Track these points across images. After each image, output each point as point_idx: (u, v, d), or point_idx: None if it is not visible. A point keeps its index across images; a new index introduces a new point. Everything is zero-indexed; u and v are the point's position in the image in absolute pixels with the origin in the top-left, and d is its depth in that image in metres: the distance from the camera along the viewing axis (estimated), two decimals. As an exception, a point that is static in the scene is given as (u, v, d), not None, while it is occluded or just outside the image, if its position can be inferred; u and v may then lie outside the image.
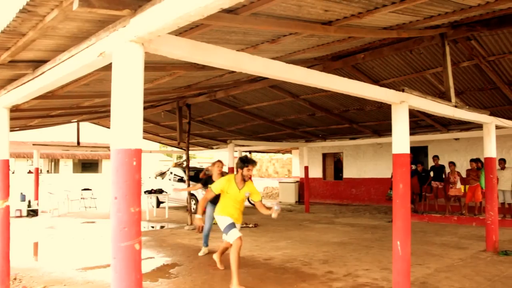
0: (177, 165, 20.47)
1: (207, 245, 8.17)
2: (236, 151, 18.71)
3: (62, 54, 4.22)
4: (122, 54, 3.12)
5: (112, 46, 3.24)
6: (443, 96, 7.22)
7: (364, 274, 6.52)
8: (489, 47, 8.01)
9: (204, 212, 6.16)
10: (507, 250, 7.98)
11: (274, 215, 5.57)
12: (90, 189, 17.99)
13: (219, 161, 8.20)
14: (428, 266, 7.01)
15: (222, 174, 7.85)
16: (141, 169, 3.08)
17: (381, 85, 8.07)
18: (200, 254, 8.07)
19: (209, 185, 6.49)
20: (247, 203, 19.74)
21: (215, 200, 7.83)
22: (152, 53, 3.33)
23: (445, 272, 6.63)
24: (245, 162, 5.72)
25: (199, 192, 15.57)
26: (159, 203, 17.12)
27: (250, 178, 5.85)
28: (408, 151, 5.59)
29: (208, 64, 3.88)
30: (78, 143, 17.95)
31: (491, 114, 8.61)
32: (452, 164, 12.81)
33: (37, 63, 4.86)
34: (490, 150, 8.55)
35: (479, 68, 8.95)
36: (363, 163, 19.11)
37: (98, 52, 3.44)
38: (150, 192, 15.41)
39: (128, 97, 3.08)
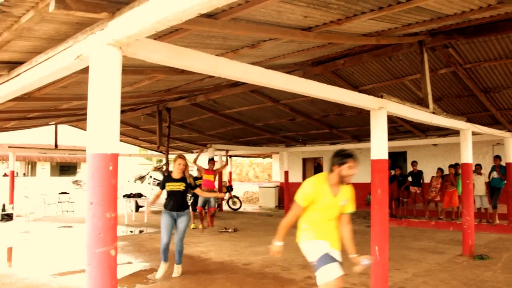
0: (157, 169, 20.30)
1: (166, 260, 6.76)
2: (216, 155, 18.66)
3: (39, 56, 4.15)
4: (100, 57, 3.08)
5: (90, 49, 3.20)
6: (421, 102, 7.32)
7: (342, 279, 6.53)
8: (466, 55, 8.15)
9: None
10: (483, 255, 8.10)
11: (358, 269, 3.96)
12: (68, 193, 17.72)
13: (179, 156, 6.73)
14: (406, 271, 7.07)
15: (185, 173, 6.62)
16: (117, 174, 3.04)
17: (360, 91, 8.15)
18: (157, 276, 6.62)
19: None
20: (226, 207, 19.50)
21: (177, 201, 6.57)
22: (130, 56, 3.30)
23: (423, 277, 6.70)
24: (346, 156, 3.83)
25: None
26: (138, 207, 16.95)
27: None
28: (386, 157, 5.64)
29: (186, 69, 3.86)
30: (56, 145, 17.68)
31: (468, 120, 8.77)
32: (439, 170, 12.97)
33: (13, 65, 4.79)
34: (467, 155, 8.69)
35: (456, 75, 9.09)
36: (343, 168, 19.18)
37: (76, 54, 3.40)
38: (129, 196, 15.25)
39: (105, 101, 3.05)
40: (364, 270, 3.94)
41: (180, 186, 6.55)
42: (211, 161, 12.78)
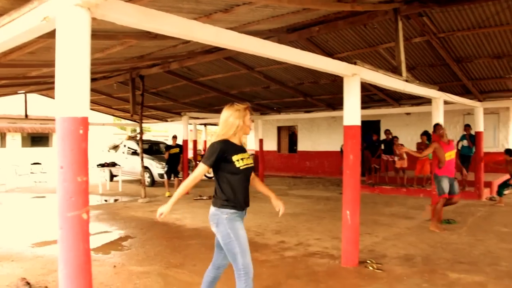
0: (131, 138, 20.12)
1: None
2: (191, 124, 18.57)
3: (1, 17, 3.99)
4: (67, 18, 2.98)
5: (56, 10, 3.09)
6: (395, 70, 7.37)
7: (315, 243, 6.69)
8: (440, 24, 8.20)
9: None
10: (450, 219, 8.37)
11: None
12: (40, 163, 17.45)
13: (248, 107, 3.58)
14: (377, 235, 7.27)
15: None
16: (88, 137, 2.99)
17: (335, 59, 8.15)
18: None
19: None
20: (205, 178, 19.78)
21: (247, 189, 3.62)
22: (100, 19, 3.21)
23: (392, 240, 6.90)
24: None
25: (153, 165, 15.40)
26: (112, 176, 16.85)
27: None
28: (359, 123, 5.70)
29: (158, 32, 3.78)
30: (26, 115, 17.26)
31: (440, 89, 8.89)
32: (395, 138, 13.25)
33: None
34: (438, 124, 8.84)
35: (430, 45, 9.16)
36: (317, 136, 19.41)
37: (42, 16, 3.28)
38: (103, 165, 15.12)
39: (73, 64, 2.97)
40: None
41: (250, 160, 3.63)
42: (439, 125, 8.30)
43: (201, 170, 3.42)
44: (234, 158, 3.40)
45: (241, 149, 3.51)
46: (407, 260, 5.76)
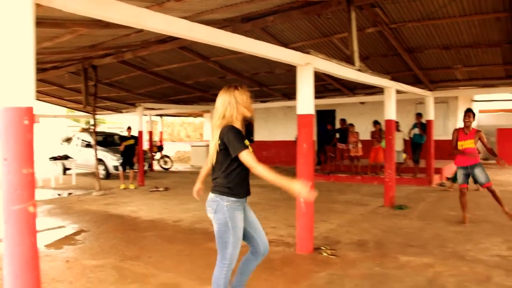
0: (84, 130, 19.61)
1: None
2: (146, 115, 18.29)
3: None
4: (8, 3, 2.85)
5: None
6: (348, 60, 7.49)
7: (271, 232, 6.74)
8: (392, 15, 8.38)
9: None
10: (402, 205, 8.64)
11: None
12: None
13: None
14: (331, 222, 7.41)
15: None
16: (33, 128, 2.89)
17: (290, 49, 8.19)
18: None
19: None
20: (157, 167, 19.26)
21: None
22: (45, 5, 3.09)
23: (347, 227, 7.05)
24: None
25: (108, 157, 15.10)
26: (65, 169, 16.39)
27: None
28: (312, 112, 5.77)
29: (107, 20, 3.69)
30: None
31: (393, 79, 9.11)
32: (351, 125, 13.52)
33: None
34: (390, 112, 9.06)
35: (383, 35, 9.35)
36: (274, 126, 19.52)
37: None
38: (55, 158, 14.68)
39: (16, 52, 2.84)
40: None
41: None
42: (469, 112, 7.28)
43: (251, 156, 3.23)
44: (245, 143, 3.26)
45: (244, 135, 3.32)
46: (360, 245, 5.90)
